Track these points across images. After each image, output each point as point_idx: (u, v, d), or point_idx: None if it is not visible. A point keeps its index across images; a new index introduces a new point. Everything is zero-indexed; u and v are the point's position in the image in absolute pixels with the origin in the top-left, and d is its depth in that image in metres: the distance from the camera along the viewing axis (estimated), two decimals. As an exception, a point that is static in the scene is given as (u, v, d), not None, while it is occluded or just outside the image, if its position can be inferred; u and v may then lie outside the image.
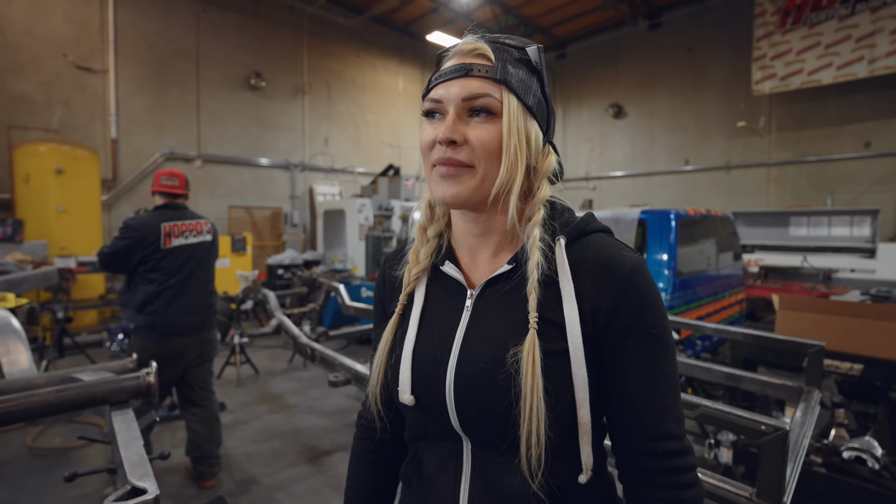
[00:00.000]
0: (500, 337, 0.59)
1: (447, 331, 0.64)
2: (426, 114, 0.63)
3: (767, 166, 8.92)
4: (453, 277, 0.66)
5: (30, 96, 6.67)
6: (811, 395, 1.68)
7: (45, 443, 3.09)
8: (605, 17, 10.43)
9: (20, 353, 1.44)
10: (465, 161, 0.59)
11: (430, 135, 0.61)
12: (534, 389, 0.54)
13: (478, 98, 0.59)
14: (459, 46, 0.63)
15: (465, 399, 0.60)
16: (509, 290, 0.62)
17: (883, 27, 6.99)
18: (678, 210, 3.68)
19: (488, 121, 0.59)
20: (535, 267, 0.59)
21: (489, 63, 0.60)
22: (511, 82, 0.59)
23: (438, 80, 0.62)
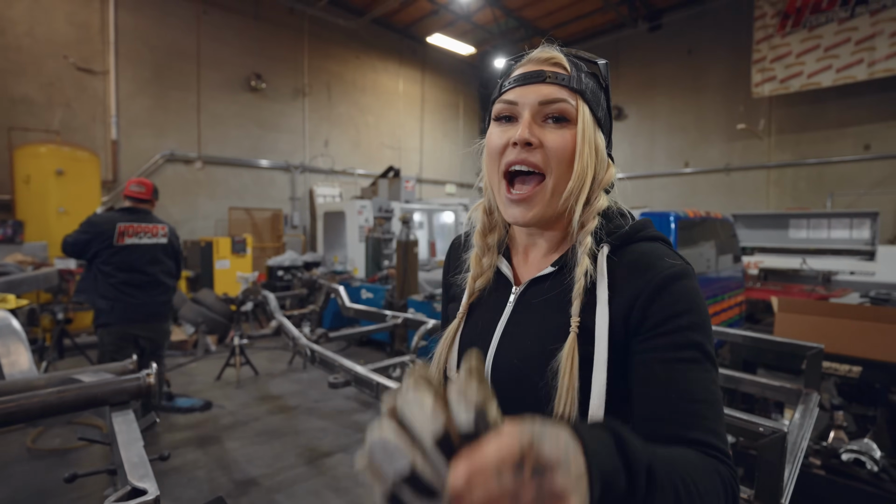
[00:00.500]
0: (536, 337, 0.62)
1: (489, 323, 0.68)
2: (497, 118, 0.65)
3: (767, 168, 8.93)
4: (504, 273, 0.70)
5: (30, 98, 6.68)
6: (810, 397, 1.68)
7: (46, 444, 3.09)
8: (605, 20, 10.45)
9: (20, 354, 1.45)
10: (539, 164, 0.61)
11: (502, 138, 0.62)
12: (570, 390, 0.55)
13: (555, 103, 0.61)
14: (535, 54, 0.65)
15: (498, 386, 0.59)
16: (551, 292, 0.64)
17: (882, 30, 7.00)
18: (678, 212, 3.68)
19: (563, 127, 0.61)
20: (584, 274, 0.60)
21: (565, 72, 0.62)
22: (585, 92, 0.62)
23: (513, 84, 0.63)
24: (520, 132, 0.60)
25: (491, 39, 11.15)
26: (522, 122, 0.60)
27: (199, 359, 5.10)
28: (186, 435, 3.26)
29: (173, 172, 8.12)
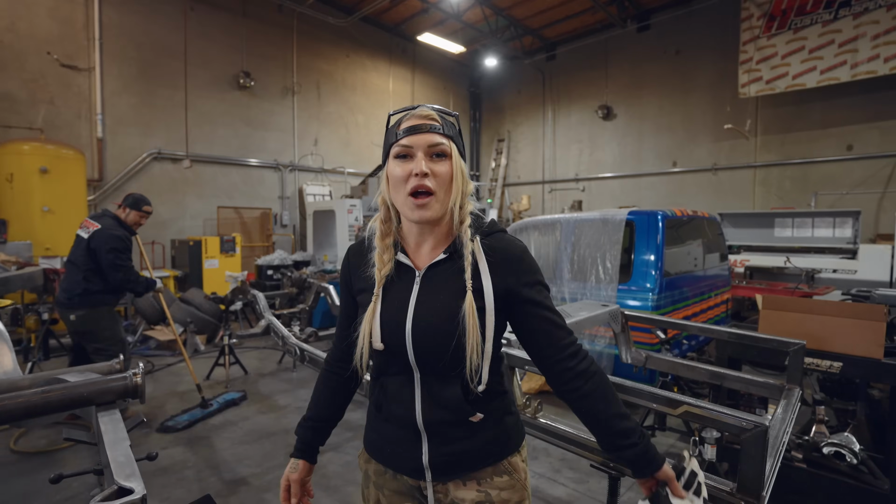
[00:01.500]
0: (444, 300, 0.92)
1: (403, 300, 0.95)
2: (397, 156, 0.92)
3: (753, 168, 9.06)
4: (405, 263, 0.97)
5: (13, 94, 6.55)
6: (792, 392, 1.72)
7: (31, 445, 3.04)
8: (594, 20, 10.51)
9: (4, 355, 1.43)
10: (433, 187, 0.89)
11: (404, 170, 0.90)
12: (474, 327, 0.88)
13: (437, 146, 0.91)
14: (419, 112, 0.94)
15: (419, 342, 0.92)
16: (446, 270, 0.95)
17: (865, 32, 7.14)
18: (665, 211, 3.73)
19: (443, 161, 0.92)
20: (469, 253, 0.93)
21: (438, 124, 0.92)
22: (454, 137, 0.94)
23: (406, 133, 0.91)
24: (420, 167, 0.88)
25: (481, 38, 11.17)
26: (418, 160, 0.89)
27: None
28: (175, 435, 3.23)
29: (161, 171, 8.01)
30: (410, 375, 0.96)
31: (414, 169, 0.88)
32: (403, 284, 0.96)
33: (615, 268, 3.66)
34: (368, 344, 0.95)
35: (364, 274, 1.00)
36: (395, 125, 0.95)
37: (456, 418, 0.95)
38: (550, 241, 4.20)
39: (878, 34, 7.02)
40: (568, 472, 2.73)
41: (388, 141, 0.95)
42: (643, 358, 2.34)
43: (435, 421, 0.95)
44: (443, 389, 0.94)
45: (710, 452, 2.21)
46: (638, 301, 3.51)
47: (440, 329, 0.90)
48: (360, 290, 1.02)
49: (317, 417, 1.14)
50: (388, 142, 0.95)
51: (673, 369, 2.24)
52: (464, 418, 0.95)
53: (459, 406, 0.94)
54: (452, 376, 0.92)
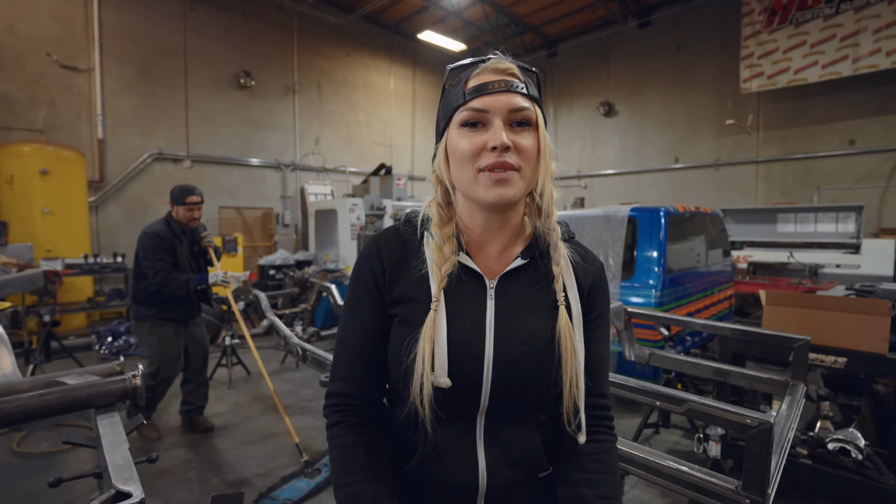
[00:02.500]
0: (532, 320, 0.72)
1: (476, 318, 0.71)
2: (464, 124, 0.69)
3: (755, 163, 9.02)
4: (471, 269, 0.74)
5: (12, 96, 6.55)
6: (797, 388, 1.71)
7: (31, 447, 3.04)
8: (595, 16, 10.47)
9: (3, 358, 1.42)
10: (515, 165, 0.67)
11: (475, 142, 0.68)
12: (572, 354, 0.70)
13: (521, 111, 0.68)
14: (492, 65, 0.71)
15: (503, 375, 0.70)
16: (527, 279, 0.74)
17: (866, 27, 7.09)
18: (668, 207, 3.71)
19: (528, 131, 0.69)
20: (561, 258, 0.74)
21: (521, 82, 0.70)
22: (539, 100, 0.71)
23: (479, 92, 0.68)
24: (499, 138, 0.66)
25: (482, 36, 11.13)
26: (496, 129, 0.67)
27: (189, 359, 5.05)
28: (177, 436, 3.23)
29: (161, 172, 8.01)
30: (472, 422, 0.72)
31: (490, 141, 0.66)
32: (470, 297, 0.72)
33: (618, 264, 3.64)
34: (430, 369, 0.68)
35: (410, 275, 0.74)
36: (460, 82, 0.72)
37: (527, 476, 0.74)
38: (552, 238, 4.18)
39: (880, 28, 6.98)
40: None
41: (451, 103, 0.72)
42: (646, 355, 2.33)
43: (503, 484, 0.72)
44: (517, 439, 0.72)
45: (714, 449, 2.20)
46: (641, 298, 3.49)
47: (533, 359, 0.69)
48: (400, 298, 0.74)
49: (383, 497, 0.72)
50: (451, 104, 0.71)
51: (676, 366, 2.22)
52: (535, 475, 0.75)
53: (536, 461, 0.74)
54: (530, 422, 0.73)
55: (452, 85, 0.74)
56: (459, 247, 0.74)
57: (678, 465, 1.21)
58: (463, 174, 0.70)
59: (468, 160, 0.68)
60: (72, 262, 5.70)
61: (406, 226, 0.79)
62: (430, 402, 0.68)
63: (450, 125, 0.72)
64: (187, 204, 3.04)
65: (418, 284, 0.73)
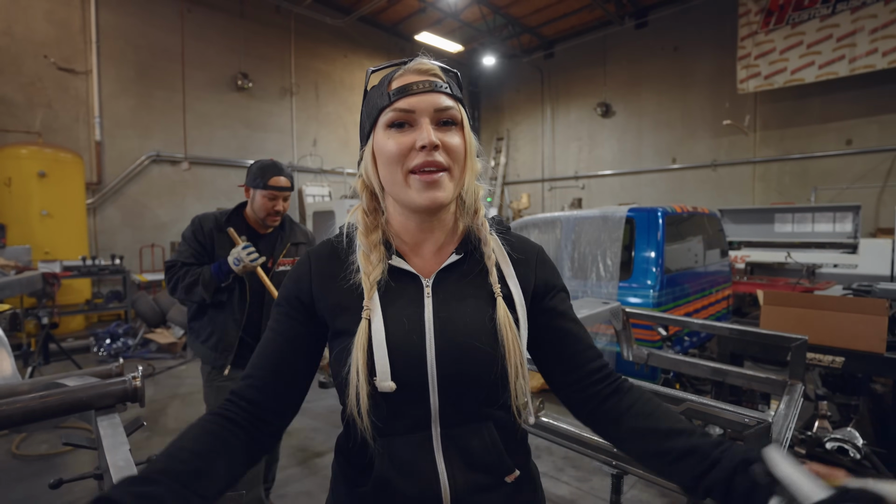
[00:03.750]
0: (472, 313, 0.71)
1: (414, 319, 0.70)
2: (391, 125, 0.69)
3: (753, 164, 9.05)
4: (405, 270, 0.73)
5: (10, 98, 6.54)
6: (795, 388, 1.71)
7: (31, 450, 3.04)
8: (592, 17, 10.50)
9: (2, 360, 1.42)
10: (445, 164, 0.68)
11: (402, 143, 0.68)
12: (514, 343, 0.69)
13: (447, 110, 0.69)
14: (414, 65, 0.71)
15: (448, 371, 0.68)
16: (463, 274, 0.74)
17: (863, 27, 7.12)
18: (665, 208, 3.72)
19: (454, 130, 0.70)
20: (492, 252, 0.75)
21: (444, 82, 0.71)
22: (462, 99, 0.72)
23: (404, 93, 0.68)
24: (427, 137, 0.66)
25: (479, 37, 11.15)
26: (424, 128, 0.67)
27: (188, 361, 5.05)
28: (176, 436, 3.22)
29: (159, 173, 8.00)
30: (427, 430, 0.69)
31: (419, 140, 0.66)
32: (407, 298, 0.71)
33: (616, 265, 3.65)
34: (367, 384, 0.66)
35: (342, 286, 0.72)
36: (382, 84, 0.72)
37: (493, 480, 0.71)
38: (551, 239, 4.20)
39: (876, 28, 7.01)
40: (571, 470, 2.73)
41: (375, 105, 0.71)
42: (645, 355, 2.34)
43: (467, 491, 0.68)
44: (475, 440, 0.70)
45: (712, 449, 2.20)
46: (639, 298, 3.50)
47: (477, 352, 0.68)
48: (332, 309, 0.73)
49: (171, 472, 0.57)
50: (375, 106, 0.71)
51: (675, 366, 2.23)
52: (501, 479, 0.71)
53: (499, 460, 0.71)
54: (485, 420, 0.70)
55: (375, 87, 0.74)
56: (391, 251, 0.74)
57: (677, 465, 1.22)
58: (393, 177, 0.69)
59: (397, 161, 0.68)
60: (70, 264, 5.69)
61: (338, 236, 0.79)
62: (368, 412, 0.65)
63: (375, 128, 0.71)
64: (269, 188, 1.92)
65: (350, 294, 0.71)
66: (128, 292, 6.05)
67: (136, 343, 5.36)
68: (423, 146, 0.66)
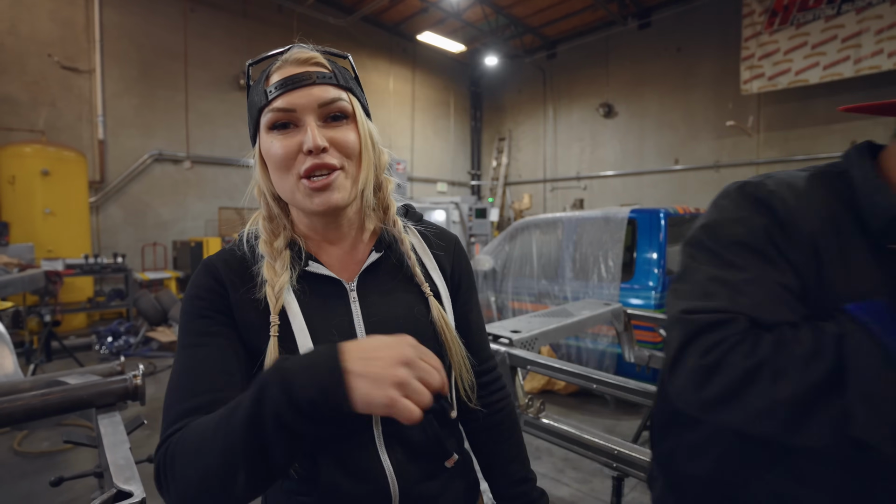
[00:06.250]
0: (403, 314, 0.69)
1: (344, 325, 0.66)
2: (272, 126, 0.63)
3: (756, 165, 9.02)
4: (324, 275, 0.68)
5: (14, 97, 6.56)
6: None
7: (32, 447, 3.05)
8: (595, 17, 10.49)
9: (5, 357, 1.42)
10: (338, 164, 0.62)
11: (288, 146, 0.61)
12: (454, 342, 0.70)
13: (333, 103, 0.63)
14: (293, 55, 0.64)
15: None
16: (387, 273, 0.72)
17: (868, 27, 7.09)
18: (668, 209, 3.71)
19: (344, 124, 0.64)
20: (411, 249, 0.73)
21: (328, 71, 0.64)
22: (353, 88, 0.66)
23: (281, 90, 0.61)
24: (313, 140, 0.60)
25: (481, 37, 11.15)
26: (310, 129, 0.60)
27: (189, 360, 5.05)
28: (177, 437, 3.23)
29: (161, 172, 8.03)
30: (369, 430, 0.66)
31: (304, 143, 0.60)
32: (331, 306, 0.67)
33: (617, 266, 3.64)
34: None
35: (249, 298, 0.65)
36: (261, 79, 0.65)
37: (434, 468, 0.71)
38: (552, 239, 4.19)
39: (882, 29, 6.97)
40: (571, 472, 2.72)
41: (255, 104, 0.64)
42: (646, 357, 2.33)
43: (413, 482, 0.67)
44: (416, 434, 0.69)
45: (714, 451, 2.20)
46: (640, 299, 3.49)
47: None
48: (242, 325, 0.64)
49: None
50: (255, 105, 0.64)
51: (676, 368, 2.22)
52: (440, 465, 0.71)
53: (439, 448, 0.71)
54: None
55: (255, 82, 0.67)
56: (303, 256, 0.68)
57: (678, 467, 1.21)
58: (283, 183, 0.64)
59: (284, 168, 0.62)
60: (72, 262, 5.70)
61: (240, 244, 0.70)
62: None
63: (259, 129, 0.65)
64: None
65: (259, 309, 0.64)
66: (130, 291, 6.07)
67: (138, 341, 5.37)
68: (310, 150, 0.60)
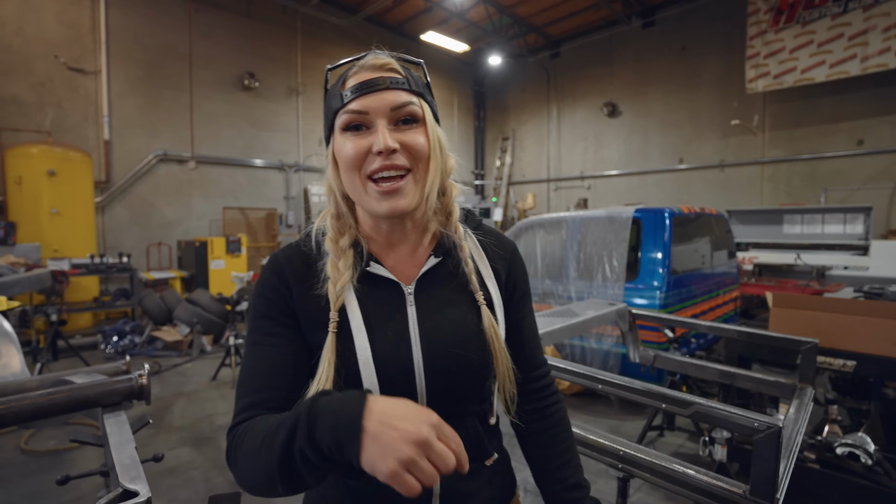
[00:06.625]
0: (456, 322, 0.70)
1: (399, 328, 0.68)
2: (346, 128, 0.66)
3: (761, 164, 8.97)
4: (384, 277, 0.70)
5: (21, 98, 6.61)
6: (804, 391, 1.69)
7: (39, 445, 3.07)
8: (598, 16, 10.45)
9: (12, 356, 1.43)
10: (407, 165, 0.65)
11: (359, 147, 0.64)
12: (501, 351, 0.71)
13: (404, 107, 0.65)
14: (368, 61, 0.68)
15: (436, 381, 0.68)
16: (444, 278, 0.73)
17: (875, 25, 7.03)
18: (672, 208, 3.69)
19: (414, 128, 0.66)
20: (469, 257, 0.74)
21: (401, 76, 0.67)
22: (424, 93, 0.69)
23: (356, 93, 0.65)
24: (383, 142, 0.62)
25: (485, 37, 11.13)
26: (380, 131, 0.63)
27: (194, 359, 5.08)
28: (181, 435, 3.24)
29: (166, 172, 8.07)
30: None
31: (375, 145, 0.63)
32: (389, 307, 0.69)
33: (622, 266, 3.63)
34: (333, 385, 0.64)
35: (312, 294, 0.68)
36: (338, 83, 0.69)
37: (475, 466, 0.74)
38: (556, 239, 4.18)
39: (889, 27, 6.91)
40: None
41: (331, 107, 0.68)
42: (651, 357, 2.32)
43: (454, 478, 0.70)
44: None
45: (720, 453, 2.19)
46: (645, 299, 3.47)
47: (466, 362, 0.69)
48: (305, 320, 0.68)
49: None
50: (331, 108, 0.68)
51: (682, 368, 2.21)
52: (480, 463, 0.75)
53: (481, 448, 0.74)
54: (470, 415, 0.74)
55: (333, 86, 0.71)
56: (363, 256, 0.70)
57: (684, 469, 1.20)
58: (352, 182, 0.67)
59: (354, 167, 0.65)
60: (78, 262, 5.74)
61: (305, 240, 0.74)
62: None
63: (334, 130, 0.68)
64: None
65: (321, 305, 0.67)
66: (135, 290, 6.10)
67: (143, 340, 5.40)
68: (380, 151, 0.63)
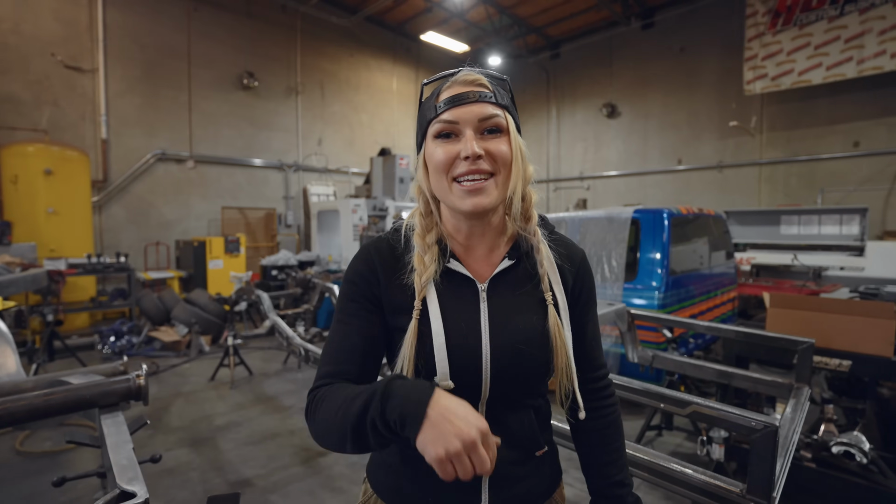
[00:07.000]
0: (523, 320, 0.77)
1: (471, 321, 0.76)
2: (438, 135, 0.74)
3: (759, 165, 8.99)
4: (461, 273, 0.78)
5: (17, 96, 6.58)
6: (801, 391, 1.70)
7: (34, 447, 3.05)
8: (598, 17, 10.46)
9: (7, 357, 1.42)
10: (490, 170, 0.73)
11: (449, 152, 0.73)
12: (563, 348, 0.77)
13: (490, 118, 0.73)
14: (462, 77, 0.76)
15: (501, 371, 0.75)
16: (515, 279, 0.80)
17: (871, 28, 7.06)
18: (671, 209, 3.70)
19: (498, 137, 0.74)
20: (545, 259, 0.80)
21: (489, 91, 0.75)
22: (508, 106, 0.77)
23: (448, 105, 0.73)
24: (470, 148, 0.71)
25: (485, 37, 11.14)
26: (468, 139, 0.72)
27: (192, 359, 5.06)
28: (179, 436, 3.23)
29: (165, 172, 8.04)
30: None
31: (462, 151, 0.71)
32: (463, 301, 0.77)
33: (621, 266, 3.63)
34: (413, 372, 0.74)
35: (399, 284, 0.78)
36: (433, 96, 0.78)
37: (525, 456, 0.81)
38: (554, 239, 4.17)
39: (885, 29, 6.95)
40: (575, 472, 2.71)
41: (425, 117, 0.77)
42: (650, 357, 2.32)
43: (504, 464, 0.76)
44: (515, 423, 0.79)
45: (717, 452, 2.19)
46: (644, 299, 3.48)
47: (527, 356, 0.76)
48: (391, 307, 0.78)
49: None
50: (425, 118, 0.77)
51: (680, 368, 2.22)
52: (532, 454, 0.82)
53: (533, 439, 0.81)
54: (526, 407, 0.81)
55: (427, 98, 0.79)
56: (446, 253, 0.78)
57: (682, 468, 1.21)
58: (440, 184, 0.75)
59: (443, 170, 0.73)
60: (75, 261, 5.72)
61: (394, 235, 0.83)
62: None
63: (426, 138, 0.76)
64: None
65: (404, 293, 0.77)
66: (132, 290, 6.08)
67: (141, 341, 5.38)
68: (467, 156, 0.71)
